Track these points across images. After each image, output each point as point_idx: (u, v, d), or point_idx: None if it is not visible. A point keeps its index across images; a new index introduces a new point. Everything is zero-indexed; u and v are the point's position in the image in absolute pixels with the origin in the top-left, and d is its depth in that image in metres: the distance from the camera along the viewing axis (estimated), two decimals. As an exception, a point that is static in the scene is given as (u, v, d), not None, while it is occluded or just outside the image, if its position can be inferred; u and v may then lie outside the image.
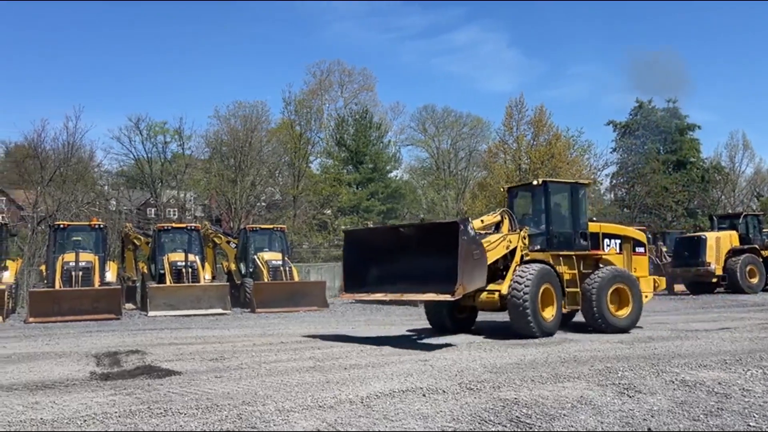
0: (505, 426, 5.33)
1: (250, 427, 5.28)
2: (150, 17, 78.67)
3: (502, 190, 14.12)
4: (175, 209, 42.59)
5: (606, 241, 12.92)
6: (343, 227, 41.29)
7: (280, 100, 60.43)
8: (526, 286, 10.84)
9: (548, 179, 13.36)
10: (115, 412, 5.74)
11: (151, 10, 77.35)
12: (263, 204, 44.15)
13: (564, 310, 11.88)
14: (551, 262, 11.93)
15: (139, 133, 42.31)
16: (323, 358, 9.04)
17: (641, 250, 13.59)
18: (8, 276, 18.70)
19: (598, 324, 11.82)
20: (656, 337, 11.21)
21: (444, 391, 6.57)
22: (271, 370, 8.10)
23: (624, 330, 11.91)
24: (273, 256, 21.08)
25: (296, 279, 21.06)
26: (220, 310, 17.69)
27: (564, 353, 9.27)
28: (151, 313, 17.30)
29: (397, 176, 48.87)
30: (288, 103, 44.56)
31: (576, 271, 12.22)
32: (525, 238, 11.88)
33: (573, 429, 5.25)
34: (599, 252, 12.76)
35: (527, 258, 11.70)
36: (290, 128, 43.65)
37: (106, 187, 44.24)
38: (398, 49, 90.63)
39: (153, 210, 45.19)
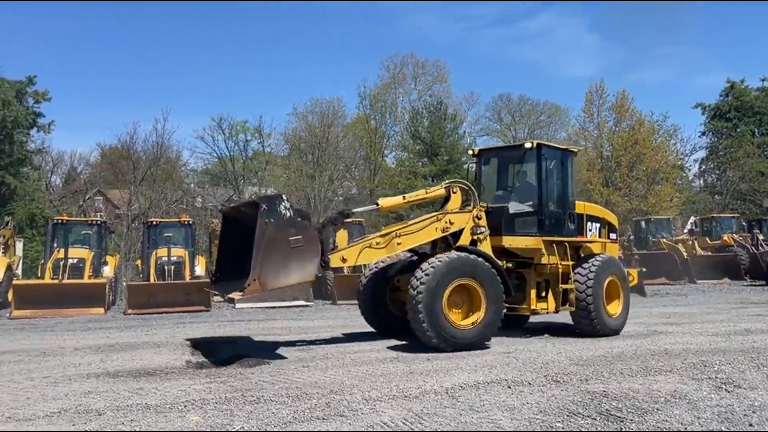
0: (595, 419, 5.22)
1: (338, 415, 5.43)
2: (226, 19, 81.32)
3: (471, 153, 11.65)
4: (257, 205, 43.88)
5: (588, 224, 10.90)
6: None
7: (355, 96, 61.14)
8: (422, 284, 8.67)
9: (543, 141, 10.92)
10: (212, 399, 6.05)
11: (229, 12, 79.88)
12: (340, 198, 44.85)
13: (547, 311, 10.21)
14: (543, 250, 10.01)
15: (221, 132, 44.04)
16: (406, 349, 9.14)
17: (614, 236, 11.59)
18: (108, 270, 19.90)
19: (594, 327, 9.99)
20: (754, 329, 10.63)
21: (530, 383, 6.51)
22: (355, 360, 8.28)
23: (617, 331, 10.27)
24: (352, 249, 21.38)
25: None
26: (303, 302, 18.15)
27: (654, 346, 8.96)
28: (238, 305, 17.95)
29: (473, 167, 48.35)
30: (363, 98, 45.06)
31: (569, 263, 10.22)
32: (479, 218, 9.80)
33: (667, 424, 5.09)
34: (585, 238, 10.82)
35: (483, 243, 9.69)
36: (365, 123, 44.11)
37: (192, 185, 46.24)
38: (472, 39, 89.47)
39: (236, 206, 46.82)
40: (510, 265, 10.05)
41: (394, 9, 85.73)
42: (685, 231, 38.29)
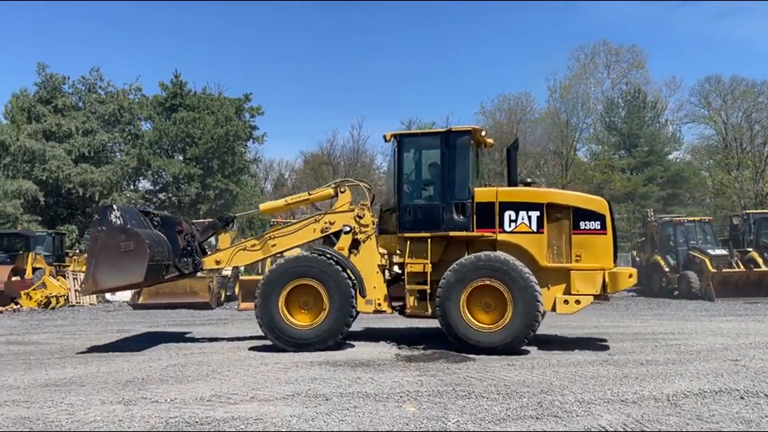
0: None
1: (552, 416, 5.38)
2: (412, 22, 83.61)
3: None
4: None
5: (509, 213, 9.06)
6: (616, 216, 39.03)
7: (544, 90, 59.62)
8: (259, 287, 9.25)
9: (405, 132, 10.03)
10: (425, 391, 6.32)
11: (415, 15, 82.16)
12: (530, 195, 43.89)
13: (423, 315, 9.38)
14: (398, 248, 9.55)
15: (410, 134, 45.62)
16: (615, 352, 8.76)
17: (593, 225, 8.94)
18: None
19: (450, 334, 8.89)
20: None
21: (767, 395, 5.88)
22: (561, 361, 8.11)
23: (494, 349, 8.54)
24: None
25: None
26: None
27: None
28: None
29: (677, 158, 44.55)
30: (552, 91, 43.76)
31: (427, 261, 9.15)
32: (361, 217, 9.63)
33: None
34: (487, 231, 9.08)
35: (366, 243, 9.61)
36: (555, 116, 42.77)
37: (385, 188, 48.44)
38: (673, 18, 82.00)
39: (426, 206, 48.13)
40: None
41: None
42: None
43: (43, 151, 30.91)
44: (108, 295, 21.71)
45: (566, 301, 8.92)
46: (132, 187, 36.09)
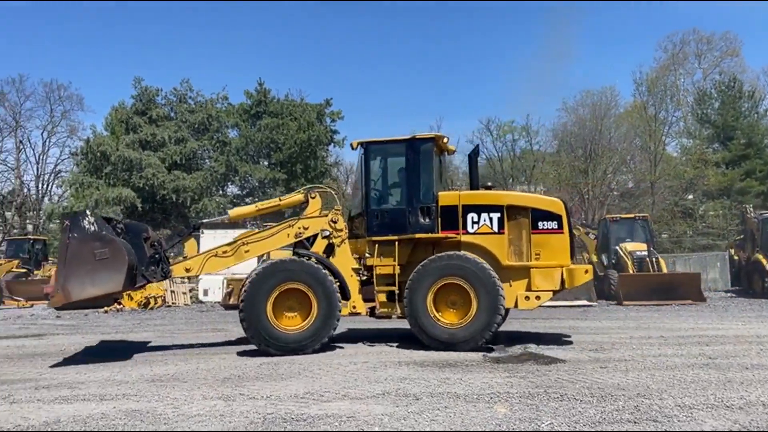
0: None
1: (650, 420, 5.21)
2: (492, 25, 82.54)
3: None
4: (527, 204, 43.77)
5: (471, 216, 9.46)
6: (711, 212, 37.09)
7: (629, 83, 57.37)
8: (244, 292, 9.14)
9: (371, 140, 10.10)
10: (516, 393, 6.26)
11: (489, 16, 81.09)
12: (616, 193, 42.34)
13: (392, 315, 9.63)
14: (367, 251, 9.77)
15: (489, 134, 45.02)
16: (715, 356, 8.34)
17: (551, 225, 9.39)
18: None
19: (419, 332, 9.24)
20: None
21: None
22: (657, 364, 7.81)
23: (456, 344, 9.00)
24: (637, 247, 20.23)
25: (664, 270, 19.81)
26: (585, 302, 17.67)
27: None
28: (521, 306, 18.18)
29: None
30: (639, 84, 42.08)
31: (395, 263, 9.50)
32: (335, 222, 9.80)
33: None
34: (452, 233, 9.48)
35: (341, 247, 9.82)
36: (642, 110, 41.01)
37: (462, 187, 47.98)
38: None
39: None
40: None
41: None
42: None
43: (140, 159, 32.80)
44: (201, 296, 22.78)
45: (527, 297, 9.40)
46: (221, 192, 37.62)
